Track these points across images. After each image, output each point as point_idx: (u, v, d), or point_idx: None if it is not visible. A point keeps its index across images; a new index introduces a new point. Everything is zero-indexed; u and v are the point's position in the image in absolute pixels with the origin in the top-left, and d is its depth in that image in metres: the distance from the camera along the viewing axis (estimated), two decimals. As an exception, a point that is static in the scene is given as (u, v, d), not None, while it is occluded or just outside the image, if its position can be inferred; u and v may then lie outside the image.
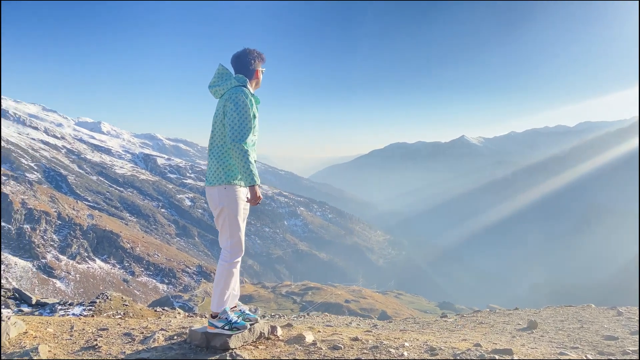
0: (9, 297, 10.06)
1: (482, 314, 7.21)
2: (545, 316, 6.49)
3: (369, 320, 7.49)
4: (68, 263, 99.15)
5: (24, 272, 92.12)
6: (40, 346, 2.85)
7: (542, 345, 4.48)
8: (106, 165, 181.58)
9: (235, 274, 3.58)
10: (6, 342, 2.94)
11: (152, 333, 3.47)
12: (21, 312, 9.14)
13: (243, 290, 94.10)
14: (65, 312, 9.03)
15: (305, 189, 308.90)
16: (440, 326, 6.06)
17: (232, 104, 3.38)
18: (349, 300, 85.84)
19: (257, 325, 3.47)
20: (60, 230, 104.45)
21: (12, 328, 3.07)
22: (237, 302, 3.66)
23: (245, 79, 3.59)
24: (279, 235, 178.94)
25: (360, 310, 79.61)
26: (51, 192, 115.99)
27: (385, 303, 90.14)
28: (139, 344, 3.21)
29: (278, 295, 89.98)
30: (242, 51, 3.66)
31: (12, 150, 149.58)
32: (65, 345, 3.11)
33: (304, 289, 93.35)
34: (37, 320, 3.68)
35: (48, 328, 3.37)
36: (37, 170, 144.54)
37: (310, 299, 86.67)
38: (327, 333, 3.71)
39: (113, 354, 2.96)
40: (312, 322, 6.94)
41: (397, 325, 6.46)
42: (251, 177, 3.25)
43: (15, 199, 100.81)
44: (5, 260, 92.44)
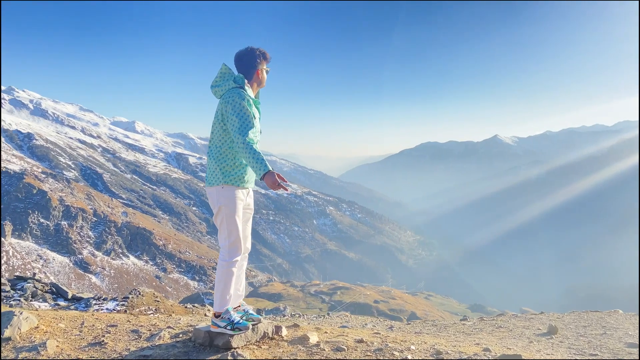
0: (46, 291, 10.42)
1: (502, 318, 7.06)
2: (567, 321, 6.31)
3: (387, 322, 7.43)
4: (103, 259, 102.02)
5: (62, 267, 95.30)
6: (48, 341, 2.93)
7: (559, 352, 4.36)
8: (140, 163, 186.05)
9: (236, 273, 3.56)
10: (17, 337, 3.03)
11: (159, 330, 3.52)
12: (57, 306, 9.45)
13: (272, 289, 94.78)
14: (100, 307, 9.30)
15: (334, 188, 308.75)
16: (458, 329, 5.97)
17: (230, 106, 3.38)
18: (378, 301, 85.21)
19: (261, 325, 3.48)
20: (95, 227, 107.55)
21: (24, 322, 3.17)
22: (241, 301, 3.67)
23: (244, 79, 3.56)
24: (308, 234, 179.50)
25: (389, 311, 79.05)
26: (87, 190, 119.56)
27: (415, 304, 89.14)
28: (145, 341, 3.27)
29: (307, 295, 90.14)
30: (243, 50, 3.64)
31: (50, 149, 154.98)
32: (74, 340, 3.20)
33: (332, 288, 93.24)
34: (51, 315, 3.80)
35: (60, 323, 3.47)
36: (74, 169, 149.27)
37: (339, 298, 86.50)
38: (334, 334, 3.70)
39: (118, 350, 3.03)
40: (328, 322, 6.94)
41: (413, 328, 6.39)
42: (263, 166, 3.21)
43: (53, 196, 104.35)
44: (43, 255, 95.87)
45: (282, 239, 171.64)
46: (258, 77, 3.66)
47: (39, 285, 10.51)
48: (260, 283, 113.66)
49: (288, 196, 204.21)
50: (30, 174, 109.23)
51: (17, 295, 9.74)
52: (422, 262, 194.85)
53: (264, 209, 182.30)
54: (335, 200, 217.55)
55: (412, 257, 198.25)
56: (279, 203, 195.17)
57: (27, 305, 8.98)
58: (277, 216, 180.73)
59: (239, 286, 3.65)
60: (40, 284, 10.59)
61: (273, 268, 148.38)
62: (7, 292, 9.77)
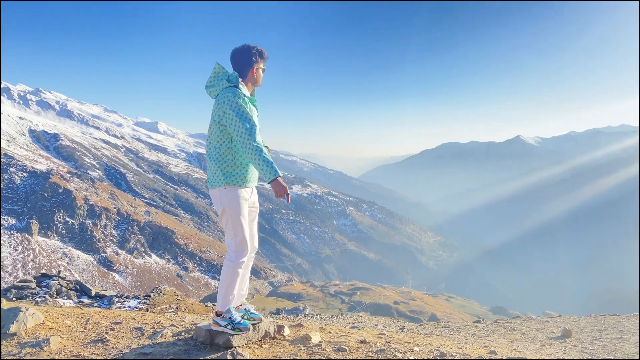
0: (71, 288, 10.66)
1: (517, 321, 6.94)
2: (583, 325, 6.16)
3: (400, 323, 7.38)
4: (126, 257, 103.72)
5: (86, 265, 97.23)
6: (52, 337, 2.99)
7: (571, 356, 4.26)
8: (162, 163, 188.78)
9: (241, 274, 3.55)
10: (22, 332, 3.10)
11: (162, 328, 3.55)
12: (81, 303, 9.65)
13: (292, 289, 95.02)
14: (122, 305, 9.46)
15: (354, 188, 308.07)
16: (470, 331, 5.89)
17: (228, 107, 3.35)
18: (398, 302, 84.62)
19: (262, 324, 3.47)
20: (119, 225, 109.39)
21: (30, 318, 3.24)
22: (243, 300, 3.66)
23: (237, 77, 3.51)
24: (327, 234, 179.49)
25: (409, 313, 78.54)
26: (111, 189, 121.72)
27: (436, 306, 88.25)
28: (147, 339, 3.29)
29: (326, 295, 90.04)
30: (239, 48, 3.58)
31: (76, 149, 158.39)
32: (77, 337, 3.25)
33: (352, 288, 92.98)
34: (59, 312, 3.88)
35: (66, 320, 3.53)
36: (98, 168, 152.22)
37: (358, 299, 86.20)
38: (337, 335, 3.68)
39: (119, 347, 3.06)
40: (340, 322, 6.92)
41: (425, 329, 6.33)
42: (272, 171, 3.24)
43: (78, 195, 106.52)
44: (69, 253, 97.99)
45: (302, 239, 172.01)
46: (253, 76, 3.60)
47: (64, 282, 10.75)
48: (280, 283, 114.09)
49: (308, 196, 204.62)
50: (56, 174, 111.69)
51: (42, 292, 9.98)
52: (442, 263, 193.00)
53: (284, 209, 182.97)
54: (355, 201, 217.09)
55: (433, 258, 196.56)
56: (299, 203, 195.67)
57: (52, 302, 9.19)
58: (297, 216, 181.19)
59: (242, 286, 3.63)
60: (64, 282, 10.83)
61: (293, 268, 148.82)
62: (33, 289, 10.02)
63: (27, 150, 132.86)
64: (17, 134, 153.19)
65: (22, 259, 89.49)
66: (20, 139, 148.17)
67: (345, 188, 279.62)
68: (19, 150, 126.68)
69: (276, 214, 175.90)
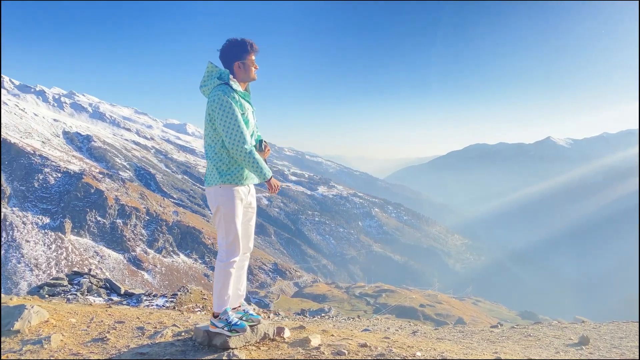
0: (101, 286, 10.95)
1: (535, 327, 6.76)
2: (603, 332, 5.96)
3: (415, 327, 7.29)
4: (155, 257, 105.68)
5: (116, 263, 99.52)
6: (53, 335, 3.05)
7: (585, 365, 4.14)
8: (190, 164, 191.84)
9: (236, 273, 3.52)
10: (26, 330, 3.18)
11: (164, 328, 3.57)
12: (111, 300, 9.90)
13: (317, 290, 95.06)
14: (150, 303, 9.67)
15: (380, 190, 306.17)
16: (484, 337, 5.77)
17: (217, 106, 3.29)
18: (424, 305, 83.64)
19: (261, 325, 3.46)
20: (148, 225, 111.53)
21: (34, 316, 3.31)
22: (241, 301, 3.64)
23: (229, 74, 3.44)
24: (353, 235, 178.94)
25: (435, 316, 77.62)
26: (141, 190, 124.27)
27: (463, 309, 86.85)
28: (147, 339, 3.31)
29: (352, 296, 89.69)
30: (225, 43, 3.51)
31: (107, 150, 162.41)
32: (79, 335, 3.30)
33: (377, 290, 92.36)
34: (66, 310, 3.97)
35: (71, 318, 3.61)
36: (129, 169, 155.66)
37: (384, 301, 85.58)
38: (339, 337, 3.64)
39: (118, 347, 3.10)
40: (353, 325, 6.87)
41: (438, 334, 6.23)
42: (263, 173, 3.28)
43: (109, 195, 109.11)
44: (100, 251, 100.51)
45: (327, 240, 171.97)
46: (240, 71, 3.49)
47: (94, 280, 11.04)
48: (305, 283, 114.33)
49: (333, 197, 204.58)
50: (88, 174, 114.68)
51: (74, 290, 10.27)
52: (470, 266, 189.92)
53: (309, 210, 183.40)
54: (381, 202, 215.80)
55: (460, 260, 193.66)
56: (324, 204, 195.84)
57: (82, 300, 9.46)
58: (322, 217, 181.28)
59: (239, 286, 3.61)
60: (95, 280, 11.13)
61: (318, 269, 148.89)
62: (64, 286, 10.33)
63: (61, 152, 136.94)
64: (52, 136, 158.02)
65: (56, 257, 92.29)
66: (54, 141, 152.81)
67: (371, 189, 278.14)
68: (54, 151, 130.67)
69: (302, 215, 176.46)
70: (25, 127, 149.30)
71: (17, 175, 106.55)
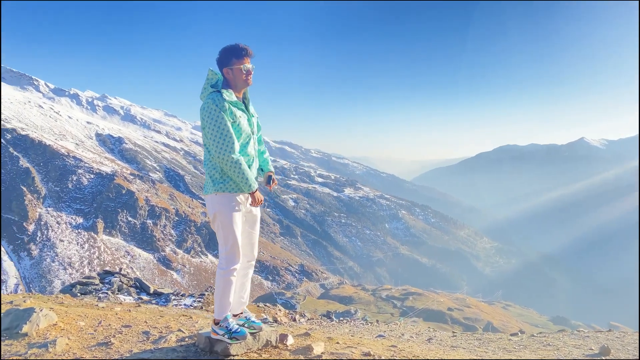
0: (131, 285, 11.20)
1: (555, 335, 6.56)
2: (627, 341, 5.73)
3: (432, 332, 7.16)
4: (184, 257, 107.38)
5: (146, 263, 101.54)
6: (59, 339, 3.10)
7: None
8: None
9: (240, 281, 3.53)
10: (33, 333, 3.25)
11: (168, 333, 3.58)
12: (140, 299, 10.10)
13: (343, 291, 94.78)
14: (178, 303, 9.83)
15: (407, 192, 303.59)
16: (501, 345, 5.63)
17: (205, 115, 3.29)
18: (452, 309, 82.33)
19: (263, 332, 3.44)
20: (177, 225, 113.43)
21: (43, 319, 3.38)
22: (243, 308, 3.63)
23: (222, 82, 3.44)
24: (379, 238, 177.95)
25: (464, 320, 76.42)
26: (170, 191, 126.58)
27: (492, 314, 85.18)
28: (150, 344, 3.34)
29: (378, 299, 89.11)
30: (220, 50, 3.48)
31: (138, 152, 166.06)
32: (85, 340, 3.34)
33: (404, 293, 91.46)
34: (76, 313, 4.04)
35: (80, 321, 3.66)
36: (159, 170, 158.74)
37: (411, 304, 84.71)
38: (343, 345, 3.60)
39: (121, 351, 3.13)
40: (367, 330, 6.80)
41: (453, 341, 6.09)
42: (247, 185, 3.27)
43: (140, 196, 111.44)
44: (130, 251, 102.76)
45: (353, 241, 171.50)
46: (229, 77, 3.45)
47: (125, 279, 11.30)
48: (331, 285, 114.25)
49: (360, 199, 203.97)
50: (120, 176, 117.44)
51: (105, 289, 10.53)
52: (499, 270, 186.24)
53: (335, 212, 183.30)
54: (408, 204, 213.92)
55: (489, 264, 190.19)
56: (350, 206, 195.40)
57: (113, 298, 9.68)
58: (348, 219, 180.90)
59: (242, 293, 3.60)
60: (125, 279, 11.38)
61: (344, 271, 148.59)
62: (96, 285, 10.61)
63: (94, 153, 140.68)
64: (85, 138, 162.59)
65: (88, 256, 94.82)
66: (87, 143, 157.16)
67: (397, 191, 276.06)
68: (87, 153, 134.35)
69: (328, 217, 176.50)
70: (59, 130, 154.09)
71: (52, 176, 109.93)
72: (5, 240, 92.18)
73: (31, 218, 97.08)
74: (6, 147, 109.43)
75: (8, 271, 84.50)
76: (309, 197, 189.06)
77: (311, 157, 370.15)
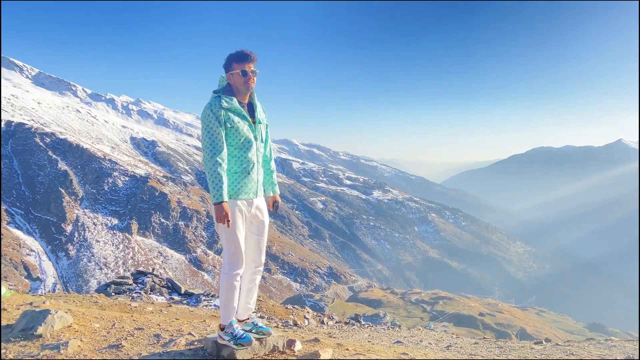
0: (163, 285, 11.48)
1: (580, 344, 6.35)
2: (656, 354, 5.51)
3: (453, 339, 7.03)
4: (214, 258, 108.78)
5: (178, 263, 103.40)
6: (71, 341, 3.18)
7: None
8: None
9: (247, 287, 3.54)
10: (48, 334, 3.34)
11: (179, 336, 3.61)
12: (172, 299, 10.33)
13: (372, 295, 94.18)
14: (208, 303, 10.01)
15: (437, 194, 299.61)
16: (522, 354, 5.49)
17: (201, 120, 3.36)
18: (483, 314, 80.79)
19: (270, 338, 3.45)
20: (208, 227, 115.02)
21: (57, 321, 3.47)
22: (250, 314, 3.64)
23: (223, 87, 3.50)
24: (409, 241, 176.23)
25: (496, 325, 74.92)
26: (202, 193, 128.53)
27: (525, 320, 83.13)
28: (160, 347, 3.38)
29: (407, 303, 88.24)
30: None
31: (171, 155, 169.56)
32: (97, 341, 3.42)
33: (434, 297, 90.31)
34: (93, 315, 4.14)
35: (95, 323, 3.76)
36: (190, 173, 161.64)
37: (441, 308, 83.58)
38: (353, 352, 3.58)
39: (130, 354, 3.19)
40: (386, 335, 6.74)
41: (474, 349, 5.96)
42: (212, 195, 3.18)
43: (172, 198, 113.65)
44: (163, 252, 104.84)
45: (382, 244, 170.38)
46: (231, 82, 3.49)
47: (157, 280, 11.59)
48: (360, 288, 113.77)
49: (389, 202, 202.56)
50: (153, 178, 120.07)
51: (138, 289, 10.83)
52: (533, 275, 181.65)
53: (364, 214, 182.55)
54: (438, 207, 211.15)
55: (522, 269, 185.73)
56: (379, 209, 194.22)
57: (146, 298, 9.92)
58: (377, 222, 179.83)
59: (249, 299, 3.60)
60: (158, 279, 11.67)
61: (373, 274, 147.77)
62: (129, 284, 10.92)
63: (129, 156, 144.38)
64: (120, 141, 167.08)
65: (123, 256, 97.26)
66: (123, 146, 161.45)
67: (427, 194, 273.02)
68: (122, 156, 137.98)
69: (356, 219, 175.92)
70: (96, 134, 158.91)
71: (89, 178, 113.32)
72: (45, 240, 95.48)
73: (69, 219, 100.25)
74: (45, 151, 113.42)
75: (47, 271, 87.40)
76: (338, 200, 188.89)
77: (339, 160, 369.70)
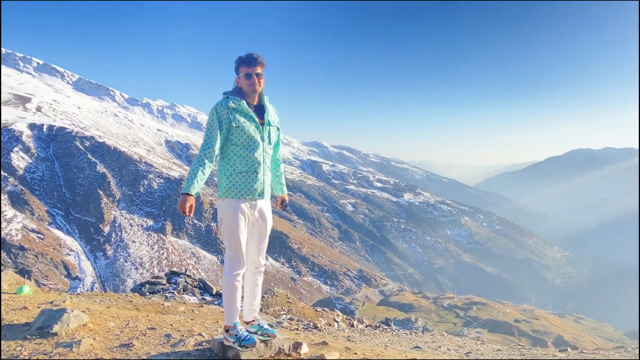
0: (195, 286, 11.76)
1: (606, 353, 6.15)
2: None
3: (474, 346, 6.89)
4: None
5: (211, 264, 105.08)
6: (84, 340, 3.27)
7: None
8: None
9: (249, 288, 3.58)
10: (63, 333, 3.46)
11: (189, 337, 3.66)
12: (204, 300, 10.57)
13: (403, 299, 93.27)
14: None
15: (470, 197, 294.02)
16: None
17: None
18: (519, 320, 78.81)
19: (276, 340, 3.46)
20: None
21: (73, 320, 3.59)
22: (255, 316, 3.66)
23: (232, 89, 3.63)
24: (441, 244, 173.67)
25: (532, 332, 73.01)
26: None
27: (563, 327, 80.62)
28: (169, 347, 3.45)
29: (439, 307, 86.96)
30: None
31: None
32: (110, 340, 3.50)
33: (467, 303, 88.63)
34: (110, 314, 4.27)
35: (110, 322, 3.86)
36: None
37: (474, 314, 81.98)
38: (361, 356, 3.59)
39: (140, 353, 3.26)
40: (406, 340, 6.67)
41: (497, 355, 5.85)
42: (186, 185, 3.26)
43: (205, 200, 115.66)
44: (196, 253, 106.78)
45: (413, 248, 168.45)
46: (239, 84, 3.61)
47: (189, 280, 11.88)
48: (390, 292, 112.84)
49: (420, 205, 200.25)
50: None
51: (171, 289, 11.13)
52: (571, 281, 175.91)
53: (394, 217, 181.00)
54: (471, 210, 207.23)
55: (560, 275, 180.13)
56: (410, 211, 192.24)
57: (179, 298, 10.20)
58: (408, 224, 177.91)
59: (253, 301, 3.64)
60: (190, 280, 11.96)
61: (404, 277, 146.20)
62: (163, 285, 11.24)
63: (164, 159, 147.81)
64: (156, 144, 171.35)
65: (158, 256, 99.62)
66: (158, 149, 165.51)
67: (459, 197, 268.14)
68: (157, 159, 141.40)
69: (387, 222, 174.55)
70: (133, 137, 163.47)
71: (126, 180, 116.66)
72: (84, 240, 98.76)
73: (107, 220, 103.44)
74: (85, 154, 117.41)
75: (85, 270, 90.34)
76: (368, 202, 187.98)
77: (370, 162, 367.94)
